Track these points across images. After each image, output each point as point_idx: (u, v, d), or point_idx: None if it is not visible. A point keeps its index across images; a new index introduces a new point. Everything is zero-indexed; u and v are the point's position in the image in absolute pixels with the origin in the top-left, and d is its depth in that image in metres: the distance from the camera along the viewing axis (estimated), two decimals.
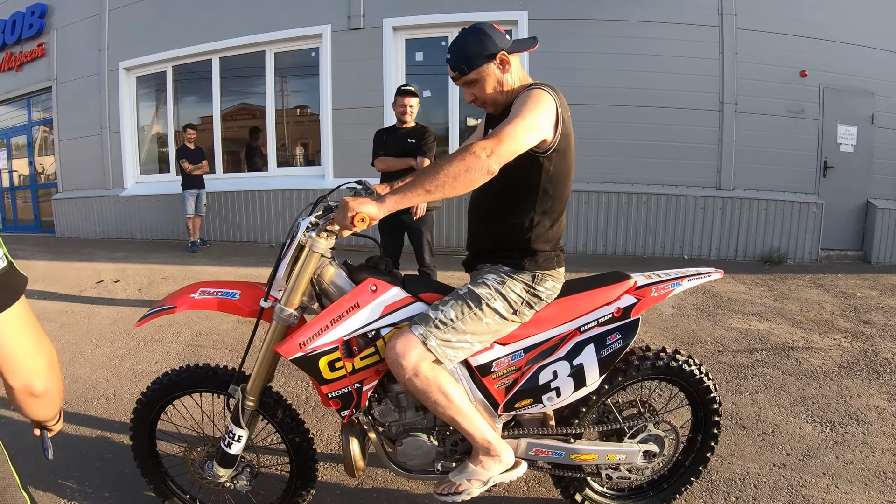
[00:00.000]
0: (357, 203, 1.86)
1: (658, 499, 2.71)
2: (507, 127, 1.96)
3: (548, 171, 2.16)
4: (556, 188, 2.21)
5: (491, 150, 1.90)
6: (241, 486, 2.46)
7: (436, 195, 1.89)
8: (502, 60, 2.18)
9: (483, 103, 2.31)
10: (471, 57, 2.18)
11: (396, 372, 2.07)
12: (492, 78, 2.21)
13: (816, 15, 8.52)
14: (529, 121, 1.99)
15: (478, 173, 1.89)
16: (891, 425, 3.67)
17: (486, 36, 2.18)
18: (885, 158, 8.97)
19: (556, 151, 2.14)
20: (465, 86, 2.27)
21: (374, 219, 1.88)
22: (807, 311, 6.12)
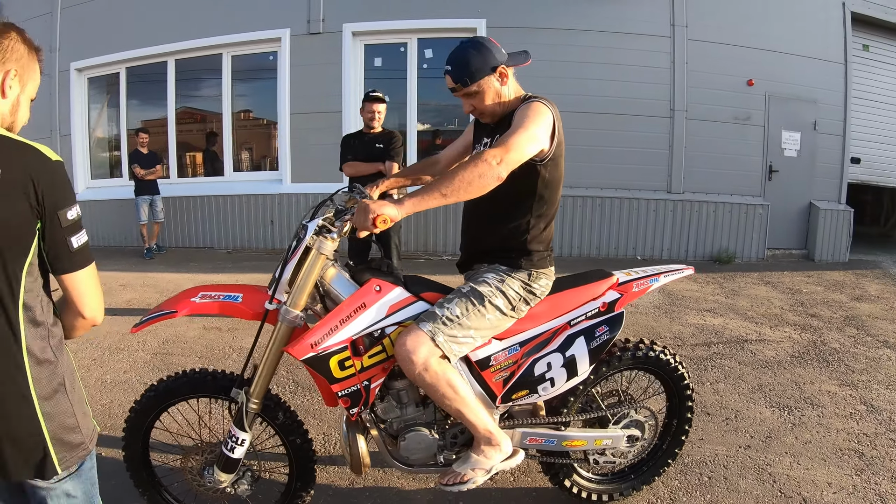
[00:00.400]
0: (378, 205, 1.95)
1: (640, 481, 2.90)
2: (512, 137, 2.10)
3: (544, 177, 2.32)
4: (551, 193, 2.38)
5: (500, 158, 2.03)
6: (242, 490, 2.48)
7: (451, 199, 2.01)
8: (501, 74, 2.32)
9: (481, 114, 2.44)
10: (473, 70, 2.29)
11: (407, 367, 2.16)
12: (491, 90, 2.34)
13: (763, 27, 8.95)
14: (532, 132, 2.14)
15: (489, 179, 2.03)
16: (843, 408, 3.99)
17: (487, 50, 2.30)
18: (826, 162, 9.46)
19: (552, 160, 2.30)
20: (464, 97, 2.38)
21: (394, 220, 1.98)
22: (757, 306, 6.45)
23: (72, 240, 1.54)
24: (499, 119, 2.44)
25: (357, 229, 2.03)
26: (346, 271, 2.36)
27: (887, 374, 4.61)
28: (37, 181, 1.47)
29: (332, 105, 9.09)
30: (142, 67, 10.14)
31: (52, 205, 1.49)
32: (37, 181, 1.47)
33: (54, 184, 1.50)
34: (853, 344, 5.28)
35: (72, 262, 1.56)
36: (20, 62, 1.60)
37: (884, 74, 10.02)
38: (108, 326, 5.41)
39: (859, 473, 3.18)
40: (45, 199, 1.48)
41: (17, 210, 1.45)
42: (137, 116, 10.50)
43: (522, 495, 2.97)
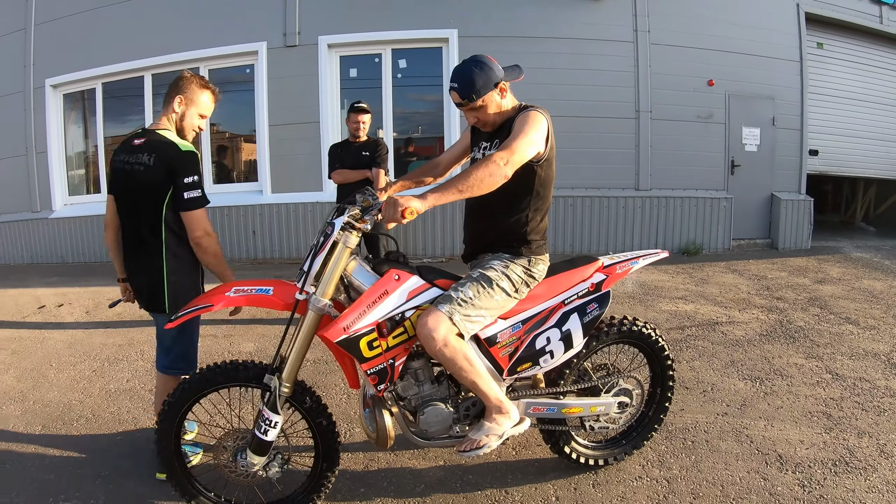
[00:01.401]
0: (405, 199, 2.22)
1: (630, 446, 3.22)
2: (515, 142, 2.42)
3: (540, 176, 2.65)
4: (545, 190, 2.72)
5: (507, 159, 2.35)
6: (273, 473, 2.66)
7: (465, 194, 2.31)
8: (501, 89, 2.64)
9: (484, 124, 2.75)
10: (478, 88, 2.58)
11: (428, 345, 2.43)
12: (493, 104, 2.65)
13: (721, 30, 9.42)
14: (531, 137, 2.47)
15: (498, 177, 2.34)
16: (810, 377, 4.37)
17: (489, 68, 2.60)
18: (785, 155, 9.97)
19: (546, 161, 2.63)
20: (469, 111, 2.68)
21: (419, 212, 2.25)
22: (725, 292, 6.84)
23: (184, 194, 2.88)
24: (498, 126, 2.74)
25: (386, 221, 2.28)
26: (368, 263, 2.62)
27: (850, 346, 5.01)
28: (171, 161, 2.87)
29: (310, 116, 9.25)
30: (118, 83, 10.12)
31: (176, 174, 2.87)
32: (171, 161, 2.87)
33: (179, 163, 2.88)
34: (817, 322, 5.69)
35: (184, 205, 2.90)
36: (186, 93, 3.05)
37: (837, 70, 10.58)
38: (104, 339, 5.54)
39: (828, 431, 3.54)
40: (174, 171, 2.87)
41: (161, 176, 2.87)
42: (114, 132, 10.43)
43: (525, 466, 3.24)
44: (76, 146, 10.93)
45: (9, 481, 3.17)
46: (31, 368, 4.87)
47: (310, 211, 9.22)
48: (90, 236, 10.14)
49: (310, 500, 2.79)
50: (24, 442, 3.61)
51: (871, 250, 9.72)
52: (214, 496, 2.78)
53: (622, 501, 2.90)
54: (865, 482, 3.01)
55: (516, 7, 9.08)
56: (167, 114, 3.05)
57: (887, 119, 11.06)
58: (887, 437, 3.46)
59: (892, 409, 3.82)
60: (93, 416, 3.95)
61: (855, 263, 8.57)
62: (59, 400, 4.24)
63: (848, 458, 3.23)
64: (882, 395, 4.03)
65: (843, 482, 3.01)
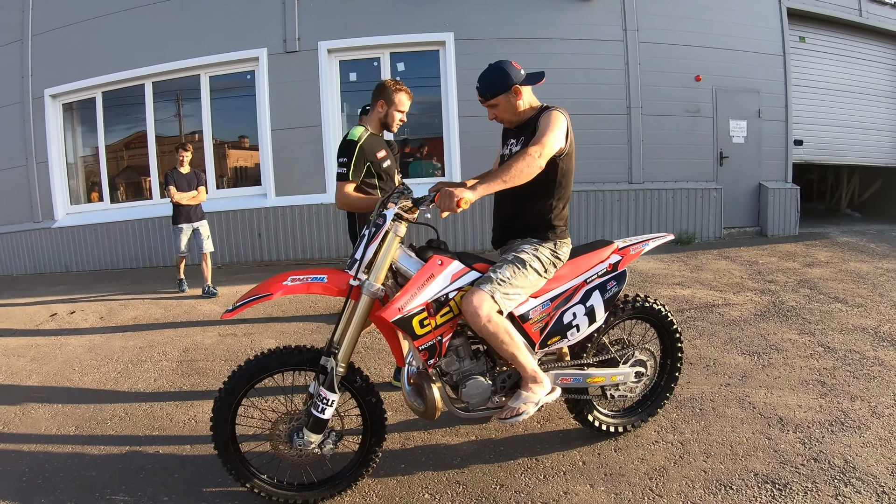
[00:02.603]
0: (459, 190, 2.52)
1: (646, 413, 3.55)
2: (545, 137, 2.77)
3: (562, 168, 2.97)
4: (567, 180, 3.04)
5: (540, 152, 2.71)
6: (328, 450, 2.84)
7: (509, 184, 2.64)
8: (515, 91, 2.98)
9: (501, 120, 3.13)
10: (493, 88, 2.98)
11: (473, 321, 2.71)
12: (507, 103, 3.02)
13: (707, 27, 9.79)
14: (556, 133, 2.81)
15: (535, 168, 2.69)
16: (804, 350, 4.72)
17: (505, 72, 2.97)
18: (771, 146, 10.37)
19: (567, 155, 2.97)
20: (487, 107, 3.09)
21: (470, 202, 2.53)
22: (720, 277, 7.18)
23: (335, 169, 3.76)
24: (516, 124, 3.10)
25: (441, 210, 2.56)
26: (413, 251, 2.88)
27: (840, 322, 5.36)
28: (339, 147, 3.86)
29: (312, 120, 9.47)
30: (118, 91, 10.23)
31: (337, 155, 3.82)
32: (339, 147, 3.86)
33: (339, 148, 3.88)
34: (808, 301, 6.04)
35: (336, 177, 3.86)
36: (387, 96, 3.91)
37: (820, 62, 10.99)
38: (123, 342, 5.66)
39: (823, 397, 3.87)
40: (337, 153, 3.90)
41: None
42: (114, 140, 10.58)
43: (551, 437, 3.52)
44: (77, 155, 11.01)
45: (51, 481, 3.24)
46: (54, 373, 4.93)
47: (314, 213, 9.45)
48: (94, 245, 10.21)
49: (358, 476, 2.99)
50: (60, 443, 3.69)
51: (856, 235, 10.15)
52: (268, 478, 2.91)
53: (642, 463, 3.18)
54: (860, 439, 3.32)
55: (511, 10, 9.38)
56: (373, 112, 4.00)
57: (869, 108, 11.50)
58: (878, 400, 3.78)
59: (882, 377, 4.15)
60: (126, 415, 4.04)
61: (841, 247, 8.96)
62: (90, 400, 4.32)
63: (843, 419, 3.55)
64: (871, 364, 4.37)
65: (839, 439, 3.32)
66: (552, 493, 2.94)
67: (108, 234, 10.08)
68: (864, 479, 2.94)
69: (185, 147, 7.80)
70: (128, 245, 10.03)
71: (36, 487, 3.17)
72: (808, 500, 2.78)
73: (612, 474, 3.09)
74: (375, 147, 3.93)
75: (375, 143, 3.95)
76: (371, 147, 3.89)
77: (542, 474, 3.12)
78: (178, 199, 7.50)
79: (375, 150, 3.92)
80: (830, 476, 2.97)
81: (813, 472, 3.01)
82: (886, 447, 3.22)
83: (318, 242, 9.55)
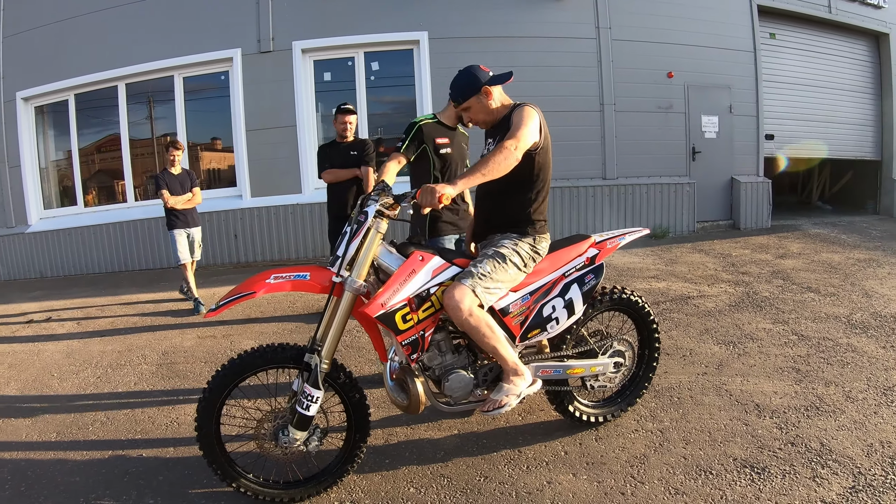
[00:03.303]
0: (440, 187, 2.56)
1: (625, 403, 3.61)
2: (519, 131, 2.82)
3: (538, 163, 3.03)
4: (544, 174, 3.09)
5: (515, 145, 2.75)
6: (313, 446, 2.85)
7: (487, 177, 2.67)
8: (485, 91, 3.04)
9: (475, 122, 3.21)
10: (463, 92, 3.07)
11: (455, 315, 2.75)
12: (479, 105, 3.10)
13: (678, 24, 9.93)
14: (530, 128, 2.87)
15: (511, 160, 2.73)
16: (778, 339, 4.82)
17: (473, 75, 3.06)
18: (743, 141, 10.55)
19: (542, 149, 3.02)
20: (462, 111, 3.18)
21: (451, 197, 2.59)
22: (694, 270, 7.30)
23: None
24: (493, 124, 3.15)
25: (423, 207, 2.61)
26: (394, 247, 2.91)
27: (812, 311, 5.48)
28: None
29: (286, 120, 9.44)
30: (91, 94, 10.11)
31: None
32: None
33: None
34: (781, 291, 6.16)
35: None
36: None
37: (790, 58, 11.20)
38: (101, 346, 5.60)
39: (798, 383, 3.96)
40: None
41: None
42: (87, 143, 10.45)
43: (533, 428, 3.56)
44: (49, 159, 10.85)
45: (35, 487, 3.20)
46: (33, 380, 4.86)
47: (290, 213, 9.41)
48: (69, 249, 10.07)
49: (344, 472, 3.01)
50: (41, 449, 3.64)
51: (828, 226, 10.36)
52: (253, 477, 2.90)
53: (623, 451, 3.23)
54: (835, 422, 3.41)
55: (484, 9, 9.43)
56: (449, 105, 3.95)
57: (838, 102, 11.72)
58: (851, 385, 3.89)
59: (855, 362, 4.26)
60: (107, 420, 3.99)
61: (813, 239, 9.15)
62: (70, 406, 4.27)
63: (818, 404, 3.64)
64: (845, 351, 4.48)
65: (815, 423, 3.41)
66: (535, 484, 2.98)
67: (82, 239, 9.97)
68: (841, 460, 3.02)
69: (176, 145, 7.09)
70: (103, 249, 9.92)
71: (19, 494, 3.13)
72: (786, 482, 2.85)
73: (593, 463, 3.14)
74: (437, 133, 4.00)
75: (438, 130, 4.02)
76: (431, 132, 3.97)
77: (525, 465, 3.16)
78: (173, 203, 6.82)
79: (435, 136, 3.98)
80: (807, 459, 3.04)
81: (790, 455, 3.09)
82: (861, 430, 3.31)
83: (294, 243, 9.52)
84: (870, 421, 3.41)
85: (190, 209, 7.03)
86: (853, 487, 2.78)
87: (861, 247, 8.45)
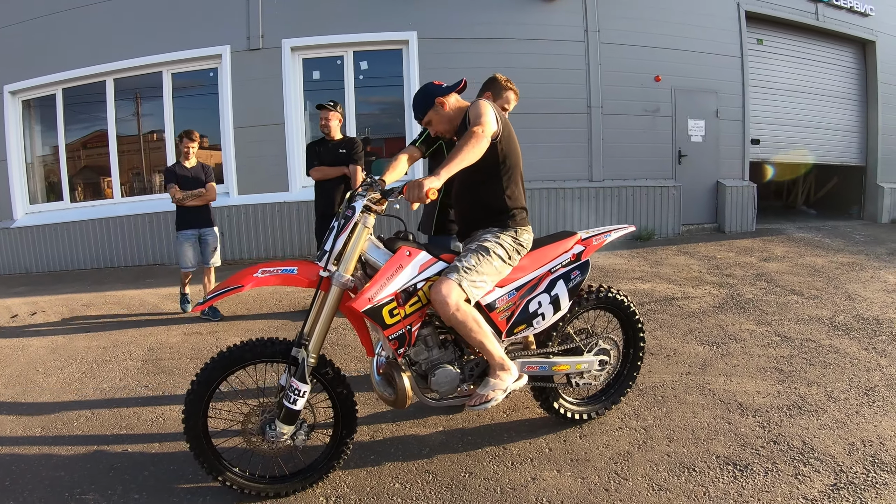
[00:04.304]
0: (427, 180, 2.58)
1: (610, 401, 3.65)
2: (479, 119, 2.89)
3: (502, 150, 3.09)
4: (510, 160, 3.14)
5: (481, 129, 2.83)
6: (300, 441, 2.86)
7: (465, 162, 2.73)
8: (439, 103, 3.14)
9: (441, 133, 3.29)
10: (421, 108, 3.19)
11: (442, 310, 2.77)
12: (437, 116, 3.20)
13: (667, 28, 10.04)
14: (488, 116, 2.93)
15: (483, 142, 2.81)
16: (761, 340, 4.88)
17: (426, 92, 3.18)
18: (729, 145, 10.68)
19: (505, 136, 3.09)
20: (426, 125, 3.27)
21: (437, 189, 2.61)
22: (679, 272, 7.37)
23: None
24: (456, 131, 3.21)
25: (411, 202, 2.62)
26: (381, 242, 2.92)
27: (796, 313, 5.55)
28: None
29: (275, 118, 9.44)
30: (79, 88, 10.05)
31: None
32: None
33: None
34: (765, 294, 6.23)
35: None
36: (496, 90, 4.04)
37: (776, 64, 11.34)
38: (86, 342, 5.55)
39: (781, 383, 4.01)
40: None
41: None
42: (74, 138, 10.39)
43: (518, 425, 3.58)
44: (34, 154, 10.76)
45: (19, 482, 3.16)
46: (17, 375, 4.80)
47: (277, 211, 9.40)
48: (55, 245, 9.99)
49: (330, 467, 3.01)
50: (26, 444, 3.60)
51: (812, 231, 10.48)
52: (240, 471, 2.90)
53: (607, 448, 3.26)
54: (817, 421, 3.46)
55: (474, 10, 9.48)
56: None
57: (824, 108, 11.88)
58: (833, 386, 3.94)
59: (837, 363, 4.32)
60: (92, 415, 3.96)
61: (797, 243, 9.25)
62: (55, 402, 4.23)
63: (800, 404, 3.69)
64: (827, 352, 4.54)
65: (797, 422, 3.45)
66: (520, 480, 3.00)
67: (68, 235, 9.89)
68: (823, 458, 3.06)
69: (191, 136, 6.42)
70: (89, 245, 9.85)
71: (3, 489, 3.09)
72: (768, 479, 2.88)
73: (578, 460, 3.16)
74: None
75: None
76: None
77: (510, 462, 3.18)
78: (181, 199, 6.21)
79: None
80: (790, 457, 3.08)
81: (773, 453, 3.13)
82: (843, 429, 3.36)
83: (280, 241, 9.51)
84: (851, 420, 3.46)
85: (202, 206, 6.39)
86: (835, 485, 2.82)
87: (845, 251, 8.55)
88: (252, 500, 2.90)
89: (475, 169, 2.85)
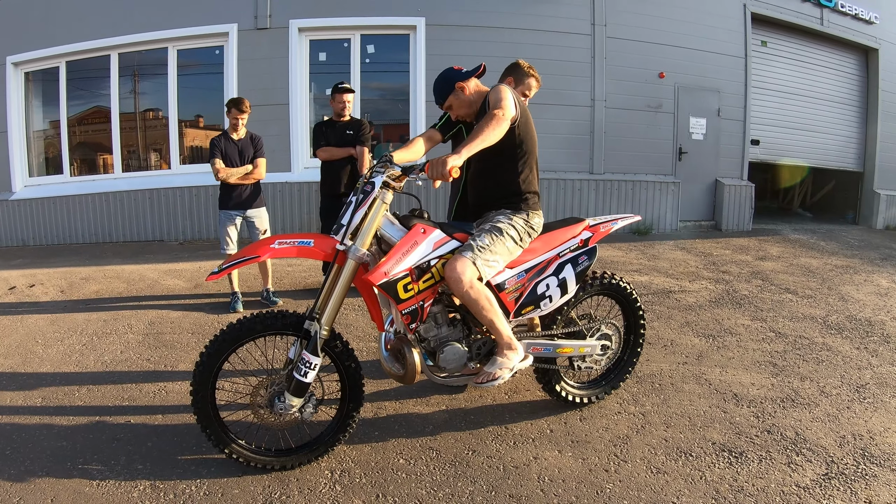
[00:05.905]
0: (449, 158, 2.63)
1: (610, 386, 3.75)
2: (501, 102, 2.97)
3: (519, 134, 3.17)
4: (527, 145, 3.23)
5: (502, 112, 2.91)
6: (308, 413, 2.89)
7: (486, 143, 2.81)
8: (459, 87, 3.24)
9: (461, 117, 3.41)
10: (442, 93, 3.31)
11: (456, 287, 2.83)
12: (457, 100, 3.30)
13: (673, 26, 10.08)
14: (507, 101, 3.00)
15: (504, 123, 2.90)
16: (756, 334, 4.98)
17: (446, 77, 3.28)
18: (729, 144, 10.75)
19: (522, 121, 3.17)
20: (447, 110, 3.40)
21: (459, 167, 2.67)
22: (676, 266, 7.46)
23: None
24: (476, 115, 3.31)
25: (433, 179, 2.69)
26: (396, 219, 2.98)
27: (790, 310, 5.65)
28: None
29: (280, 98, 9.41)
30: (82, 62, 9.98)
31: None
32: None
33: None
34: (760, 291, 6.33)
35: None
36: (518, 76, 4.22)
37: (779, 66, 11.39)
38: (86, 315, 5.54)
39: (775, 376, 4.11)
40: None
41: None
42: (76, 111, 10.31)
43: (519, 406, 3.67)
44: (32, 128, 10.65)
45: (21, 451, 3.16)
46: (17, 346, 4.77)
47: (279, 191, 9.40)
48: (53, 218, 9.95)
49: (336, 441, 3.06)
50: (27, 414, 3.59)
51: (807, 233, 10.60)
52: (245, 444, 2.93)
53: (606, 431, 3.35)
54: (810, 414, 3.56)
55: None
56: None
57: (824, 113, 11.97)
58: (826, 381, 4.05)
59: (829, 360, 4.43)
60: (94, 387, 3.96)
61: (793, 244, 9.36)
62: (55, 373, 4.22)
63: (794, 397, 3.79)
64: (820, 349, 4.65)
65: (791, 414, 3.55)
66: (522, 458, 3.08)
67: (67, 208, 9.84)
68: (815, 449, 3.16)
69: (240, 106, 5.73)
70: (87, 219, 9.82)
71: (5, 458, 3.09)
72: (762, 467, 2.98)
73: (578, 441, 3.25)
74: None
75: None
76: None
77: (511, 441, 3.26)
78: (225, 176, 5.62)
79: None
80: (783, 446, 3.18)
81: (766, 442, 3.22)
82: (834, 423, 3.46)
83: (282, 221, 9.51)
84: (843, 415, 3.56)
85: (248, 185, 5.82)
86: (826, 475, 2.92)
87: (839, 254, 8.67)
88: (257, 472, 2.94)
89: (493, 151, 2.92)
